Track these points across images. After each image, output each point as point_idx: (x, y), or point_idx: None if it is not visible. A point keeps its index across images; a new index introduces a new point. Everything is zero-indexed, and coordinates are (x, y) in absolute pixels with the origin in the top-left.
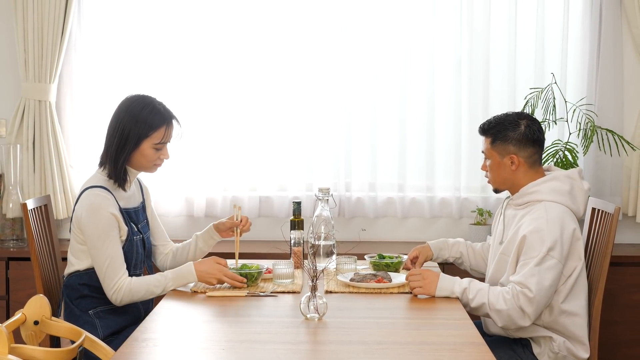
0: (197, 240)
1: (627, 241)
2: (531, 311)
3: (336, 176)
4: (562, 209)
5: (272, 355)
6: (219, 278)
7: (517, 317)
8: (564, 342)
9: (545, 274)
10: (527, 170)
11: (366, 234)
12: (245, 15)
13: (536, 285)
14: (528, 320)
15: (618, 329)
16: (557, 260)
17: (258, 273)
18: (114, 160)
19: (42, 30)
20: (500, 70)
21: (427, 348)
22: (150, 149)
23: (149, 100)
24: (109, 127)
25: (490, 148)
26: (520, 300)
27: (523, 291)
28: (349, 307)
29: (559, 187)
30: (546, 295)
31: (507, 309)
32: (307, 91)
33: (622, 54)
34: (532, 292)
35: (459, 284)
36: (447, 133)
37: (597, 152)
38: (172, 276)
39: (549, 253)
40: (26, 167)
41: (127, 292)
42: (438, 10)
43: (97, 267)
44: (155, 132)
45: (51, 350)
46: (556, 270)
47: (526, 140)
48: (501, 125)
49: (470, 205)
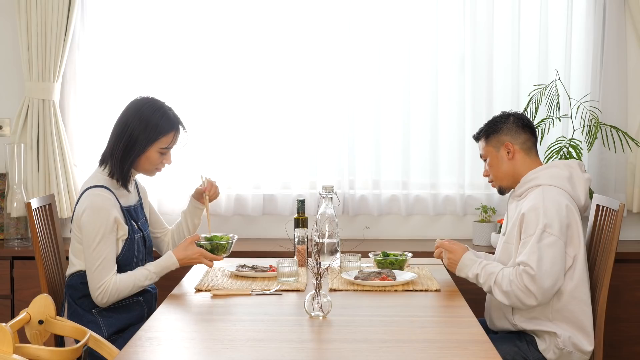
0: (186, 216)
1: (632, 238)
2: (535, 289)
3: (340, 174)
4: (559, 192)
5: (276, 353)
6: (199, 261)
7: (523, 296)
8: (569, 337)
9: (545, 250)
10: (525, 158)
11: (370, 232)
12: (248, 14)
13: (537, 262)
14: (534, 299)
15: (623, 325)
16: (556, 236)
17: (229, 244)
18: (121, 161)
19: (45, 29)
20: (503, 67)
21: (431, 346)
22: (156, 152)
23: (159, 104)
24: (115, 127)
25: (485, 145)
26: (524, 279)
27: (525, 269)
28: (353, 305)
29: (557, 173)
30: (550, 272)
31: (512, 290)
32: (310, 89)
33: (626, 50)
34: (534, 269)
35: (474, 269)
36: (450, 130)
37: (602, 148)
38: (155, 270)
39: (546, 230)
40: (30, 166)
41: (114, 292)
42: (441, 8)
43: (88, 265)
44: (164, 136)
45: (56, 349)
46: (557, 246)
47: (517, 128)
48: (491, 122)
49: (474, 202)
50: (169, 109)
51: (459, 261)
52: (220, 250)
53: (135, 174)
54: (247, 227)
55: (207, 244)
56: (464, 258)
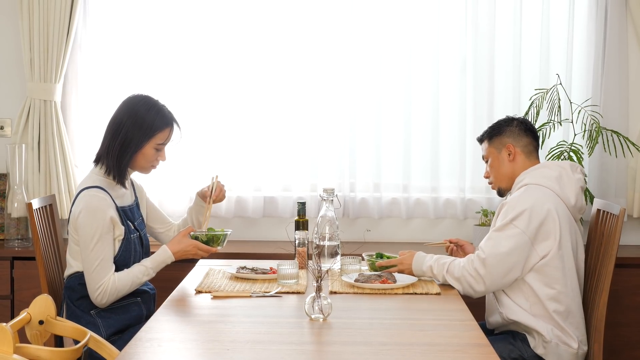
0: (191, 213)
1: (632, 243)
2: (484, 273)
3: (341, 177)
4: (542, 190)
5: (276, 355)
6: (194, 253)
7: (473, 281)
8: (552, 329)
9: (502, 240)
10: (525, 161)
11: (371, 235)
12: (249, 16)
13: (490, 248)
14: (482, 285)
15: (623, 330)
16: (520, 230)
17: (223, 236)
18: (118, 158)
19: (47, 30)
20: (505, 71)
21: (431, 349)
22: (152, 149)
23: (153, 101)
24: (110, 125)
25: (488, 147)
26: (475, 263)
27: (477, 253)
28: (354, 308)
29: (546, 172)
30: (501, 261)
31: (462, 275)
32: (311, 92)
33: (627, 54)
34: (485, 253)
35: (427, 262)
36: (451, 134)
37: (602, 153)
38: (151, 265)
39: (512, 222)
40: (31, 167)
41: (113, 291)
42: (443, 11)
43: (86, 266)
44: (160, 133)
45: (56, 349)
46: (518, 239)
47: (520, 131)
48: (495, 124)
49: (474, 206)
50: (163, 106)
51: (412, 263)
52: (215, 242)
53: (131, 172)
54: (248, 229)
55: (202, 234)
56: (416, 256)
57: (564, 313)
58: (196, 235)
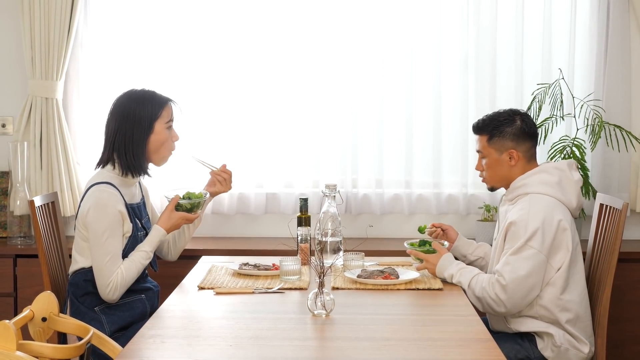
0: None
1: (635, 237)
2: (505, 298)
3: (343, 173)
4: (548, 200)
5: (279, 351)
6: (183, 223)
7: (493, 304)
8: (564, 334)
9: (520, 263)
10: (525, 166)
11: (373, 231)
12: (251, 13)
13: (509, 273)
14: (503, 308)
15: (626, 325)
16: (536, 250)
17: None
18: (134, 151)
19: (48, 27)
20: (507, 66)
21: (434, 344)
22: (164, 128)
23: (143, 88)
24: (113, 122)
25: (487, 145)
26: (495, 288)
27: (498, 279)
28: (356, 304)
29: (546, 179)
30: (521, 284)
31: (483, 297)
32: (313, 88)
33: (629, 49)
34: (505, 279)
35: (450, 270)
36: (454, 129)
37: (605, 148)
38: (150, 247)
39: (527, 243)
40: (33, 165)
41: (123, 283)
42: (445, 7)
43: (96, 262)
44: (164, 109)
45: (59, 346)
46: (535, 260)
47: (523, 134)
48: (497, 121)
49: (477, 201)
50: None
51: (436, 264)
52: (197, 208)
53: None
54: (250, 225)
55: (187, 202)
56: (441, 260)
57: (573, 319)
58: (180, 204)
